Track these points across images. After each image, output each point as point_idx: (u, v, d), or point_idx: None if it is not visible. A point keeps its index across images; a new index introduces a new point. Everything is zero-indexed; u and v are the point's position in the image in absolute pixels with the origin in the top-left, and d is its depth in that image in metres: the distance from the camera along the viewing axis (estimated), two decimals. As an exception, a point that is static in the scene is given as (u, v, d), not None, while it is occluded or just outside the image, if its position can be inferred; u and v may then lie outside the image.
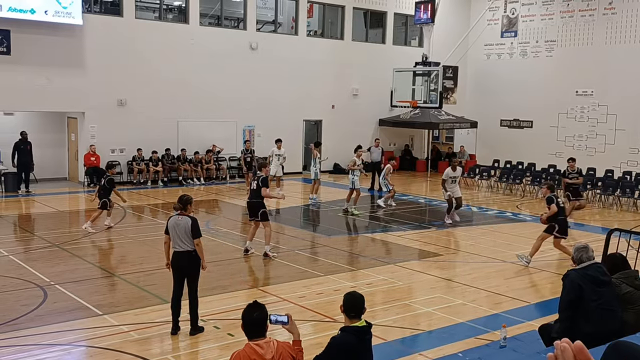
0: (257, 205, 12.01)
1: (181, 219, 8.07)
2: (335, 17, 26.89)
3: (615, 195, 20.06)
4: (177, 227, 8.02)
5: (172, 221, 8.11)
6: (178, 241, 8.01)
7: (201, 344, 7.78)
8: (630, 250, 8.54)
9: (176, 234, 8.01)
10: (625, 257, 6.61)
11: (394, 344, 7.87)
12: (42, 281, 10.19)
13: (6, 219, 15.59)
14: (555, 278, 10.73)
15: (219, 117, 22.96)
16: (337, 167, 26.37)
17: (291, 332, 4.53)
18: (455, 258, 12.67)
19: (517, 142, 26.89)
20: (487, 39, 28.45)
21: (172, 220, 8.13)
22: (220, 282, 10.56)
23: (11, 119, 20.80)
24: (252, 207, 12.14)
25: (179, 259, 8.05)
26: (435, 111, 26.61)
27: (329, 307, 9.07)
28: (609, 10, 24.38)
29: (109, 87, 20.87)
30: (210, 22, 23.86)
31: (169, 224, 8.11)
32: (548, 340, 6.32)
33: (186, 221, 8.03)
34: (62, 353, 7.47)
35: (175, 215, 8.20)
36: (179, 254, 8.05)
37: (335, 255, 12.59)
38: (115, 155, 21.39)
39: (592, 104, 25.06)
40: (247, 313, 4.32)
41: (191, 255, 8.03)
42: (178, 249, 8.04)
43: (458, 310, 9.22)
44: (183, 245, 8.00)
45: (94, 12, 21.00)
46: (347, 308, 4.96)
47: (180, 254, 8.03)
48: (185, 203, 8.22)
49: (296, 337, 4.53)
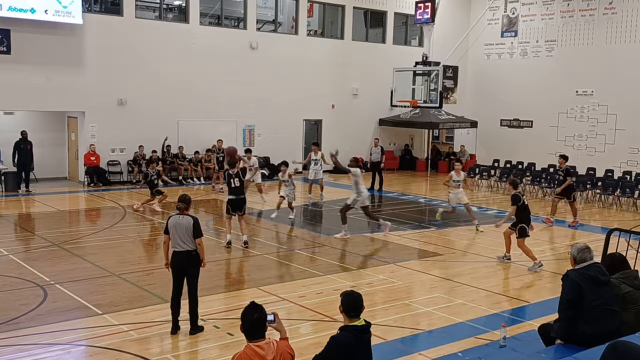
0: (242, 201, 12.67)
1: (183, 219, 8.01)
2: (335, 17, 26.89)
3: (615, 195, 20.07)
4: (178, 226, 7.95)
5: (172, 221, 8.04)
6: (178, 241, 7.95)
7: (201, 344, 7.78)
8: (630, 250, 8.53)
9: (177, 233, 7.95)
10: (625, 257, 6.61)
11: (393, 343, 7.87)
12: (42, 280, 10.19)
13: (6, 219, 15.60)
14: (554, 278, 10.74)
15: (219, 117, 22.95)
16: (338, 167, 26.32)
17: (278, 330, 4.50)
18: (455, 258, 12.66)
19: (517, 142, 26.90)
20: (487, 39, 28.45)
21: (173, 219, 8.05)
22: (220, 281, 10.56)
23: (11, 119, 20.80)
24: (238, 203, 12.65)
25: (179, 259, 7.99)
26: (435, 111, 26.62)
27: (328, 307, 9.07)
28: (609, 10, 24.38)
29: (109, 87, 20.88)
30: (211, 22, 23.86)
31: (170, 224, 8.04)
32: (548, 340, 6.32)
33: (188, 220, 7.99)
34: (62, 352, 7.47)
35: (175, 215, 8.13)
36: (179, 253, 7.99)
37: (335, 255, 12.59)
38: (116, 155, 21.42)
39: (592, 103, 25.06)
40: (247, 314, 4.29)
41: (191, 255, 8.01)
42: (178, 249, 7.98)
43: (458, 310, 9.22)
44: (183, 245, 7.95)
45: (94, 11, 21.00)
46: (346, 308, 4.95)
47: (181, 253, 7.98)
48: (189, 202, 8.19)
49: (283, 335, 4.51)
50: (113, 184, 20.98)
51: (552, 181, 21.50)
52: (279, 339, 4.46)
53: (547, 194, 21.21)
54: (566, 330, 5.98)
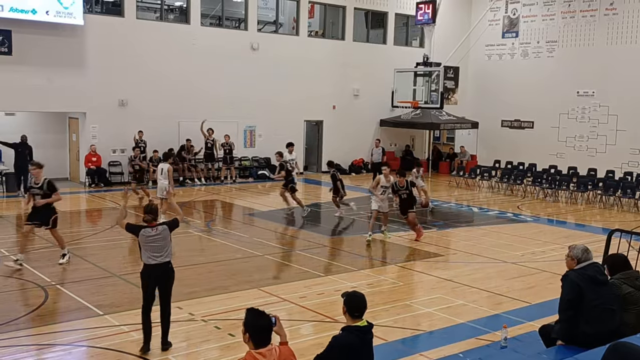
0: None
1: (158, 231, 7.37)
2: (336, 18, 26.90)
3: (616, 195, 20.06)
4: (154, 241, 7.33)
5: (146, 237, 7.32)
6: (156, 254, 7.35)
7: (201, 345, 7.78)
8: (631, 251, 8.53)
9: (149, 247, 7.33)
10: (627, 258, 6.62)
11: (394, 344, 7.86)
12: (43, 281, 10.19)
13: (7, 219, 15.61)
14: (555, 278, 10.72)
15: (220, 118, 22.95)
16: (338, 168, 26.26)
17: (278, 334, 4.40)
18: (456, 258, 12.66)
19: (518, 143, 26.88)
20: (488, 40, 28.45)
21: (145, 235, 7.32)
22: (221, 282, 10.56)
23: (12, 120, 20.81)
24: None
25: (154, 272, 7.41)
26: (436, 112, 26.61)
27: (329, 308, 9.07)
28: (610, 10, 24.37)
29: (110, 88, 20.90)
30: (212, 23, 23.88)
31: (141, 239, 7.35)
32: (548, 341, 6.32)
33: (164, 229, 7.44)
34: (63, 353, 7.47)
35: (147, 229, 7.36)
36: (154, 267, 7.37)
37: (335, 255, 12.59)
38: (117, 156, 21.42)
39: (593, 104, 25.05)
40: (252, 321, 4.18)
41: (168, 267, 7.52)
42: (153, 262, 7.36)
43: (459, 311, 9.22)
44: (159, 258, 7.36)
45: (95, 12, 21.02)
46: (350, 308, 4.94)
47: (156, 266, 7.38)
48: (156, 212, 7.59)
49: (283, 339, 4.43)
50: (114, 185, 20.99)
51: (553, 182, 21.51)
52: (279, 343, 4.39)
53: (548, 195, 21.21)
54: (567, 331, 5.98)
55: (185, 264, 12.28)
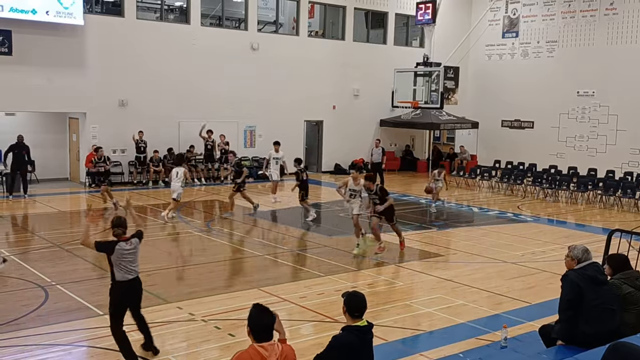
0: None
1: (132, 245, 7.11)
2: (336, 18, 26.91)
3: (617, 196, 20.06)
4: (130, 255, 7.06)
5: (122, 252, 7.00)
6: (130, 267, 7.08)
7: (202, 345, 7.78)
8: (631, 250, 8.53)
9: (122, 263, 7.02)
10: (627, 258, 6.62)
11: (394, 344, 7.86)
12: (43, 281, 10.20)
13: (7, 219, 15.61)
14: (555, 278, 10.72)
15: (220, 118, 22.95)
16: (338, 168, 26.39)
17: (277, 331, 4.45)
18: (456, 258, 12.66)
19: (518, 143, 26.89)
20: (488, 40, 28.45)
21: (121, 250, 6.99)
22: (222, 282, 10.57)
23: (12, 120, 20.82)
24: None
25: (132, 287, 7.17)
26: (436, 112, 26.62)
27: (330, 308, 9.07)
28: (610, 10, 24.37)
29: (110, 88, 20.90)
30: (212, 23, 23.88)
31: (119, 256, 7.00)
32: (548, 341, 6.32)
33: (137, 242, 7.19)
34: (63, 353, 7.48)
35: (121, 243, 7.02)
36: (129, 282, 7.10)
37: (336, 255, 12.59)
38: (117, 156, 21.42)
39: (593, 104, 25.06)
40: (257, 318, 4.25)
41: (139, 281, 7.30)
42: (129, 277, 7.09)
43: (459, 311, 9.22)
44: (134, 273, 7.14)
45: (95, 12, 21.03)
46: (350, 308, 4.95)
47: (131, 282, 7.13)
48: (126, 225, 7.22)
49: (282, 337, 4.49)
50: (114, 185, 20.95)
51: (553, 182, 21.51)
52: (278, 339, 4.44)
53: (548, 195, 21.21)
54: (567, 331, 5.98)
55: (185, 264, 12.31)
